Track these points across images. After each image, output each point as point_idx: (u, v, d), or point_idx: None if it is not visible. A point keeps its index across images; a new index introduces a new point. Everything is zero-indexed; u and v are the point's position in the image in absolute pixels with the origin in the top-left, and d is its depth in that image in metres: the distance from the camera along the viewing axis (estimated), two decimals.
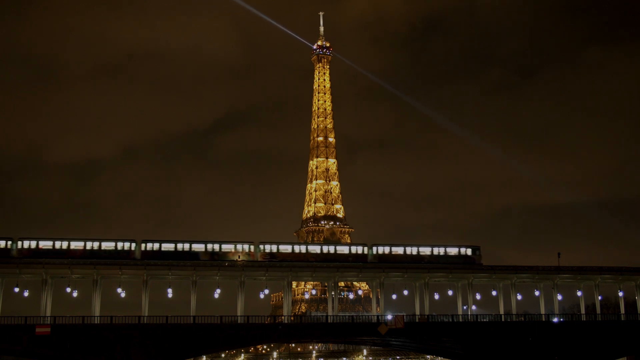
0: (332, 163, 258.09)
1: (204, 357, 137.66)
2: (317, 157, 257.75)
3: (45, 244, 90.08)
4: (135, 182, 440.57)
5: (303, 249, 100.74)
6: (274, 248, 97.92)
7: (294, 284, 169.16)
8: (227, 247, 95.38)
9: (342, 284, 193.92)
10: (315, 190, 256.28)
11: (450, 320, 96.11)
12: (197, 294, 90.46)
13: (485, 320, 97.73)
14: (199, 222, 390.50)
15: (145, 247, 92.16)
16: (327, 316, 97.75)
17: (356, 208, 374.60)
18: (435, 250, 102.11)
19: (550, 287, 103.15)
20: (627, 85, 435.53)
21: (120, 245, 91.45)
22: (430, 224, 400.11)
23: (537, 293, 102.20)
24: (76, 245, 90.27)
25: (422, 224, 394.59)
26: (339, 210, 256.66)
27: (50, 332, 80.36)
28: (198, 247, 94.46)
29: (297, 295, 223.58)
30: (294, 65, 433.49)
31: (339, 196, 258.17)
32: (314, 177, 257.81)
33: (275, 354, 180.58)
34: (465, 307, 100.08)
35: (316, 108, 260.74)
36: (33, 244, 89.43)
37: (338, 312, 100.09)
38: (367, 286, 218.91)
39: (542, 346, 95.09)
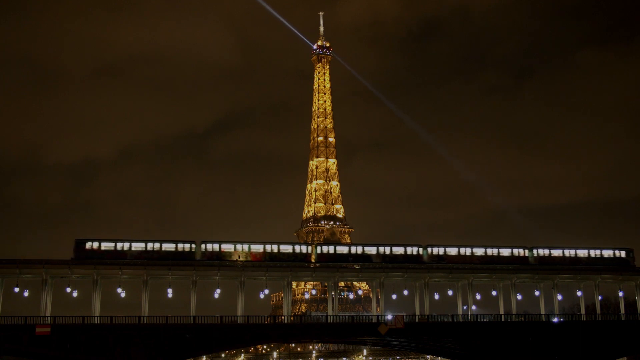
0: (332, 163, 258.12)
1: (204, 357, 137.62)
2: (317, 157, 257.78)
3: (228, 247, 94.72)
4: (133, 182, 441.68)
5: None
6: (442, 250, 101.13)
7: (294, 284, 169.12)
8: (397, 250, 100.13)
9: (342, 284, 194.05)
10: (315, 190, 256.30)
11: (450, 320, 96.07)
12: (197, 294, 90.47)
13: (485, 320, 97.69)
14: (198, 223, 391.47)
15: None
16: (327, 316, 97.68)
17: (356, 208, 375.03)
18: (592, 253, 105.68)
19: (550, 287, 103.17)
20: (622, 86, 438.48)
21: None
22: (430, 224, 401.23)
23: (537, 293, 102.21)
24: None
25: (421, 224, 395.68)
26: (339, 210, 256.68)
27: (50, 332, 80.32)
28: (370, 249, 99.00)
29: (297, 295, 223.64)
30: (292, 68, 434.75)
31: (339, 196, 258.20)
32: (314, 177, 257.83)
33: (275, 354, 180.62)
34: (465, 307, 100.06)
35: (316, 108, 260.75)
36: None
37: (338, 312, 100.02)
38: (367, 286, 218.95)
39: (542, 346, 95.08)
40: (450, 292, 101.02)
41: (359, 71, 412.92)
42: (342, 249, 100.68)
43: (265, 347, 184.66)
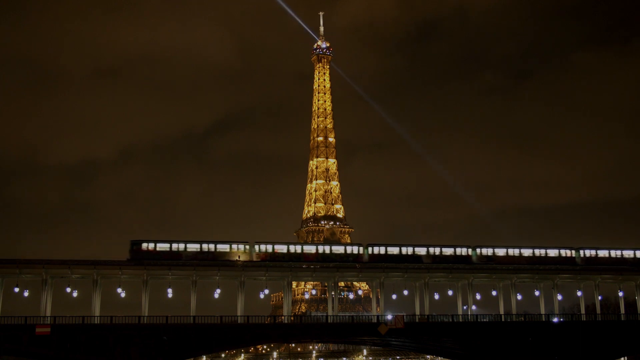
0: (332, 163, 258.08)
1: (204, 357, 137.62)
2: (317, 157, 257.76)
3: (280, 248, 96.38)
4: (133, 183, 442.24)
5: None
6: (490, 251, 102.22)
7: (294, 284, 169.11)
8: (447, 251, 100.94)
9: (342, 284, 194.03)
10: (315, 190, 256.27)
11: (450, 320, 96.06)
12: (197, 294, 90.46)
13: (485, 320, 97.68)
14: (197, 223, 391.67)
15: (372, 250, 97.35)
16: (327, 316, 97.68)
17: (355, 208, 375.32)
18: (638, 254, 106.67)
19: (550, 287, 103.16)
20: (622, 86, 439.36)
21: (349, 249, 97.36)
22: (428, 224, 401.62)
23: (537, 293, 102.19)
24: (308, 249, 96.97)
25: (420, 225, 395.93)
26: (339, 210, 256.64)
27: (50, 332, 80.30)
28: (420, 250, 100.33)
29: (297, 295, 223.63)
30: (291, 68, 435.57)
31: (339, 196, 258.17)
32: (314, 177, 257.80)
33: (275, 354, 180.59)
34: (465, 307, 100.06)
35: (316, 108, 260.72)
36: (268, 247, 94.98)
37: (338, 312, 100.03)
38: (367, 286, 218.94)
39: (542, 346, 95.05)
40: (450, 292, 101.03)
41: (358, 72, 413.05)
42: (393, 250, 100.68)
43: (265, 347, 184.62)
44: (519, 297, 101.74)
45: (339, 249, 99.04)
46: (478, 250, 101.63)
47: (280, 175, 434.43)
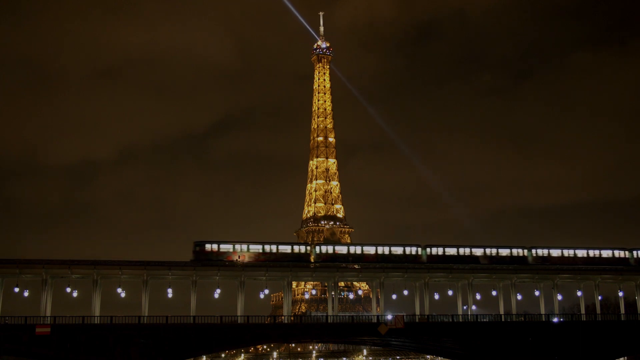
0: (332, 163, 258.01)
1: (204, 357, 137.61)
2: (317, 157, 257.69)
3: (341, 249, 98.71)
4: (133, 183, 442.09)
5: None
6: (546, 252, 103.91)
7: (294, 284, 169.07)
8: (503, 252, 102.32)
9: (342, 284, 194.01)
10: (315, 190, 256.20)
11: (450, 320, 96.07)
12: (197, 294, 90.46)
13: (485, 320, 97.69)
14: (197, 223, 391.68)
15: (430, 251, 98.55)
16: (327, 316, 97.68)
17: (355, 208, 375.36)
18: None
19: (550, 287, 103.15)
20: (621, 86, 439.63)
21: (408, 249, 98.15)
22: (427, 225, 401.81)
23: (537, 293, 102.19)
24: (368, 250, 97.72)
25: (420, 225, 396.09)
26: (339, 210, 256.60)
27: (50, 332, 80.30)
28: (477, 251, 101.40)
29: (297, 295, 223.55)
30: (290, 69, 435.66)
31: (339, 196, 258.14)
32: (314, 177, 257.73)
33: (275, 354, 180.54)
34: (465, 307, 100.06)
35: (316, 108, 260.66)
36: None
37: (338, 312, 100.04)
38: (367, 286, 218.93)
39: (542, 346, 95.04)
40: (450, 292, 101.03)
41: (358, 72, 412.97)
42: (451, 250, 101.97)
43: (265, 347, 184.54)
44: (519, 297, 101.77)
45: (397, 250, 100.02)
46: (534, 251, 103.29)
47: (279, 176, 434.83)
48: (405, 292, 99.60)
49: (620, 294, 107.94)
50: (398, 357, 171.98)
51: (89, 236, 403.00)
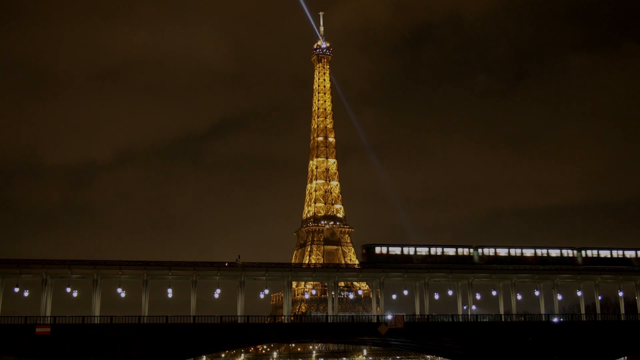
0: (332, 163, 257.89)
1: (204, 357, 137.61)
2: (317, 157, 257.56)
3: (502, 251, 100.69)
4: (131, 185, 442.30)
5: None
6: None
7: (294, 284, 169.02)
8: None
9: (342, 284, 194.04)
10: (315, 190, 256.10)
11: (450, 320, 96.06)
12: (197, 294, 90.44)
13: (485, 320, 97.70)
14: (196, 225, 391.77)
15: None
16: (327, 316, 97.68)
17: (355, 208, 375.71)
18: None
19: (550, 287, 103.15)
20: (614, 88, 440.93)
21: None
22: (426, 225, 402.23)
23: (537, 293, 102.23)
24: (528, 252, 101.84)
25: (419, 225, 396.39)
26: (339, 210, 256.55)
27: (50, 332, 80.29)
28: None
29: (297, 295, 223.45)
30: (287, 72, 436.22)
31: (339, 196, 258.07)
32: (313, 177, 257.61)
33: (275, 354, 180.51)
34: (465, 307, 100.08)
35: (316, 108, 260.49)
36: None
37: (338, 312, 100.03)
38: (367, 286, 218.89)
39: (542, 346, 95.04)
40: (450, 292, 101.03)
41: (354, 75, 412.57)
42: (606, 253, 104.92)
43: (265, 347, 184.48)
44: (519, 297, 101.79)
45: (555, 252, 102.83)
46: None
47: (277, 177, 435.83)
48: (405, 292, 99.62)
49: (620, 294, 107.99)
50: (398, 357, 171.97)
51: (89, 236, 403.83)
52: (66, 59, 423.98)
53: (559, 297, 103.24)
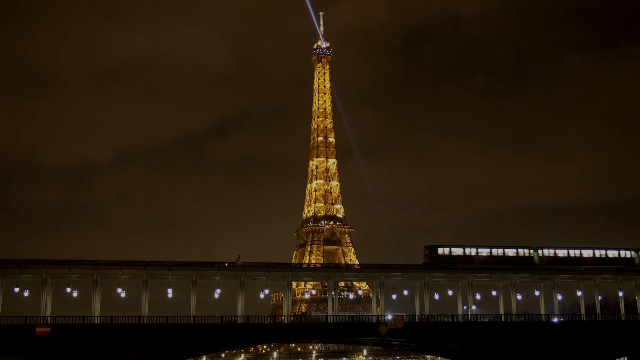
0: (332, 163, 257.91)
1: (204, 357, 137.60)
2: (317, 157, 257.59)
3: (562, 252, 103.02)
4: (131, 185, 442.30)
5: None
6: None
7: (294, 284, 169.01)
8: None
9: (342, 284, 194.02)
10: (315, 190, 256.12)
11: (450, 320, 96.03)
12: (197, 294, 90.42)
13: (485, 320, 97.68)
14: (195, 225, 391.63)
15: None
16: (327, 316, 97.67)
17: (355, 208, 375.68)
18: None
19: (550, 287, 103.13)
20: (613, 89, 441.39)
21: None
22: (426, 225, 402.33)
23: (537, 293, 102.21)
24: (587, 253, 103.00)
25: (418, 225, 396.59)
26: (339, 210, 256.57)
27: (50, 332, 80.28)
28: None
29: (297, 295, 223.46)
30: (287, 72, 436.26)
31: (339, 196, 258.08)
32: (313, 177, 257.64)
33: (275, 354, 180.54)
34: (465, 307, 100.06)
35: (316, 108, 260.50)
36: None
37: (338, 312, 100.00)
38: (367, 286, 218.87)
39: (542, 346, 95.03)
40: (450, 292, 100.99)
41: (353, 75, 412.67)
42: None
43: (265, 347, 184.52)
44: (519, 297, 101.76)
45: (614, 253, 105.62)
46: None
47: (277, 177, 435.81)
48: (405, 292, 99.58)
49: (620, 294, 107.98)
50: (398, 357, 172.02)
51: (88, 236, 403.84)
52: (66, 59, 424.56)
53: (559, 297, 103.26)
